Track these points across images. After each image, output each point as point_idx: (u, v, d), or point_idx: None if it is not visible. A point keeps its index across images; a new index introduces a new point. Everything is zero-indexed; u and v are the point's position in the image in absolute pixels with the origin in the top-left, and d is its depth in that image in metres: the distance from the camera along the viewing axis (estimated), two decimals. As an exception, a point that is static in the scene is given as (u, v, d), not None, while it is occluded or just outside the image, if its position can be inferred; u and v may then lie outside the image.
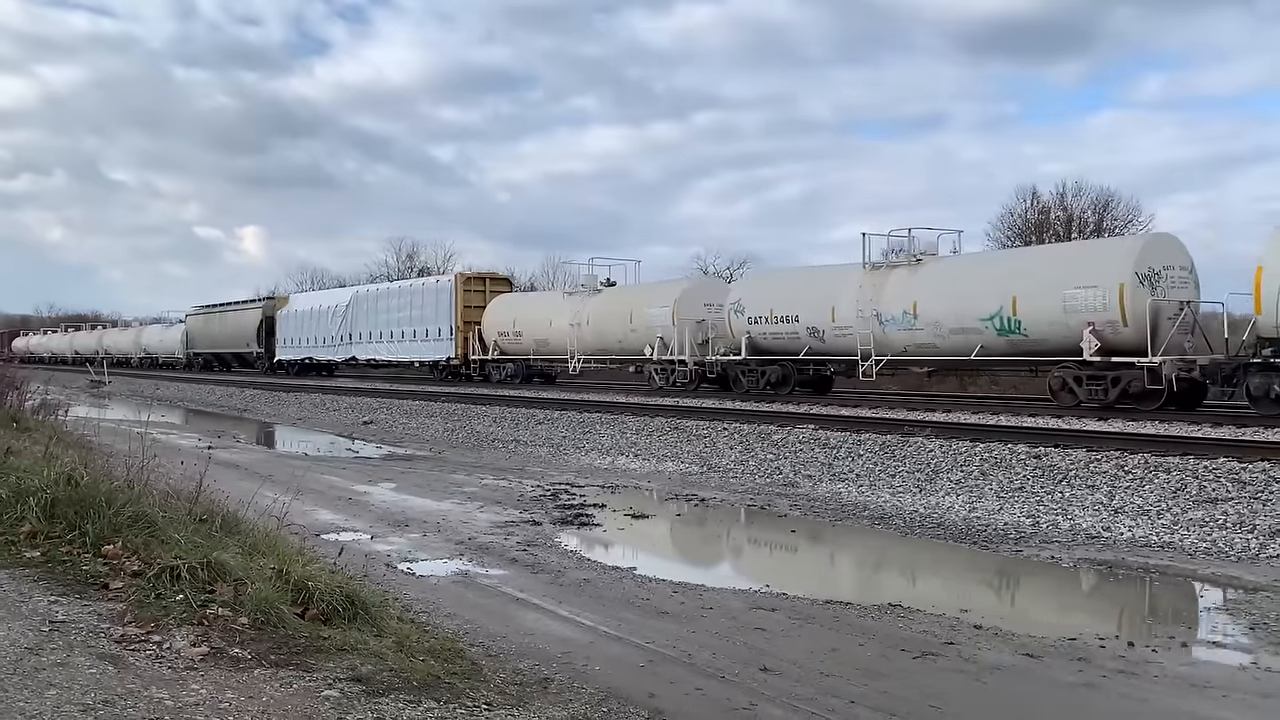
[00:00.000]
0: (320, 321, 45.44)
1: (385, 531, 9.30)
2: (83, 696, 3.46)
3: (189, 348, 60.32)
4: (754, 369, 24.58)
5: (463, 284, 36.73)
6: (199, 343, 59.07)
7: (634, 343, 28.53)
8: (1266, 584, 7.19)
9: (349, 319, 42.95)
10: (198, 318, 60.72)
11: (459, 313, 36.16)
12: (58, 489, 5.75)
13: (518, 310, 34.55)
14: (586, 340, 30.49)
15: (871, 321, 21.54)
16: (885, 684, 5.00)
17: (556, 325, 31.60)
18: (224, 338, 55.42)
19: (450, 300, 36.57)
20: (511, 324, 33.92)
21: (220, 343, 56.14)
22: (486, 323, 35.05)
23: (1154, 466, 11.26)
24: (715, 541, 10.19)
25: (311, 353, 46.22)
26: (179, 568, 4.83)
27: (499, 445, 17.73)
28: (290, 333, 48.09)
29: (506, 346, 34.22)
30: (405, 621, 5.28)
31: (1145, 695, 4.92)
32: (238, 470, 13.07)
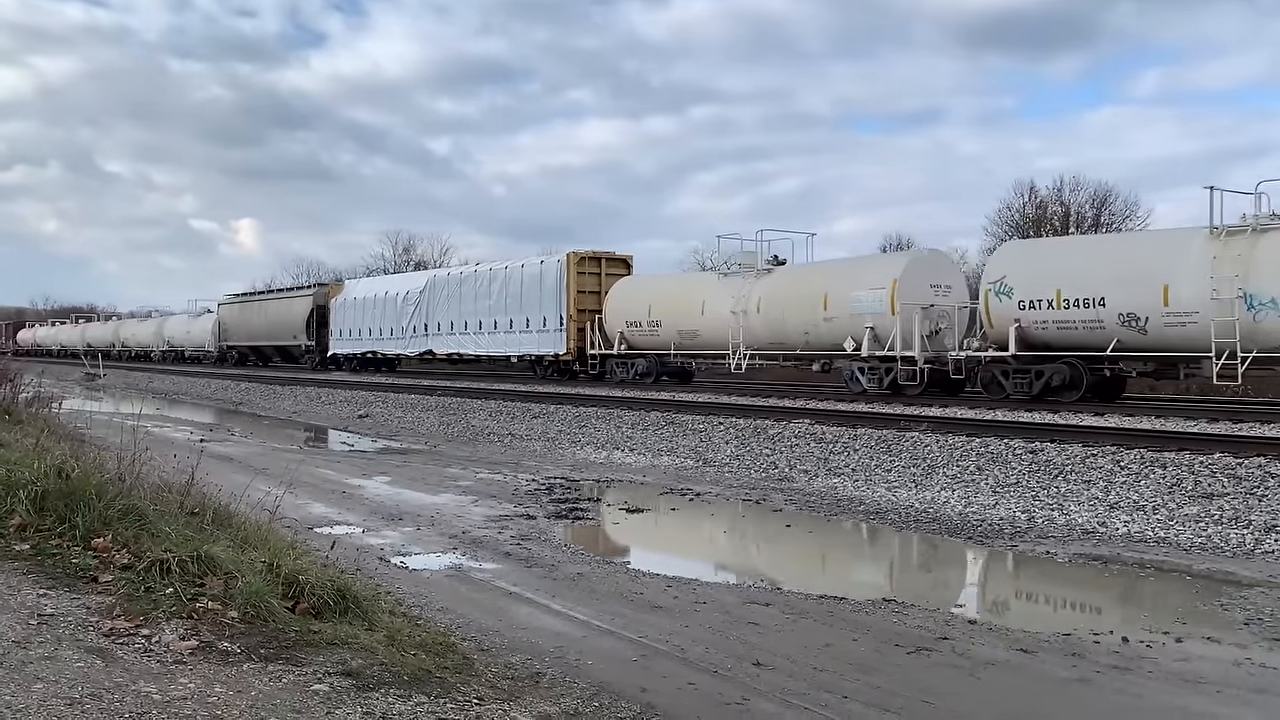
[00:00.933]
0: (385, 310, 39.97)
1: (379, 525, 9.27)
2: (70, 690, 3.44)
3: (222, 340, 55.42)
4: (1025, 369, 19.07)
5: (576, 265, 30.66)
6: (234, 334, 54.07)
7: (827, 335, 22.91)
8: (1261, 579, 7.19)
9: (424, 307, 37.51)
10: (232, 307, 55.61)
11: (571, 299, 30.25)
12: (48, 481, 5.72)
13: (655, 295, 28.51)
14: (756, 331, 24.65)
15: (1234, 305, 16.20)
16: (879, 679, 4.98)
17: (712, 313, 25.80)
18: (264, 329, 50.23)
19: (560, 284, 30.61)
20: (646, 312, 28.12)
21: (260, 335, 50.94)
22: (611, 310, 29.37)
23: (1150, 462, 11.26)
24: (709, 536, 10.17)
25: (375, 346, 40.88)
26: (169, 561, 4.80)
27: (494, 439, 17.70)
28: (347, 323, 42.86)
29: (637, 339, 28.58)
30: (397, 615, 5.26)
31: (1140, 691, 4.90)
32: (231, 463, 13.04)
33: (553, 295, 30.95)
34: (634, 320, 28.63)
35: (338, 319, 43.61)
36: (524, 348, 32.59)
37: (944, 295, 21.58)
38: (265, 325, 50.08)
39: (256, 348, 52.34)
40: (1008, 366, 19.37)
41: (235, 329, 54.03)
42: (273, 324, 49.31)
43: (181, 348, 61.80)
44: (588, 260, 31.21)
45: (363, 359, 42.08)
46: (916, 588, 7.47)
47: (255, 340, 51.65)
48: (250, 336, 52.08)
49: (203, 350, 58.28)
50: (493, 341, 33.91)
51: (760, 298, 24.58)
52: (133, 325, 73.08)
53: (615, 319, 29.25)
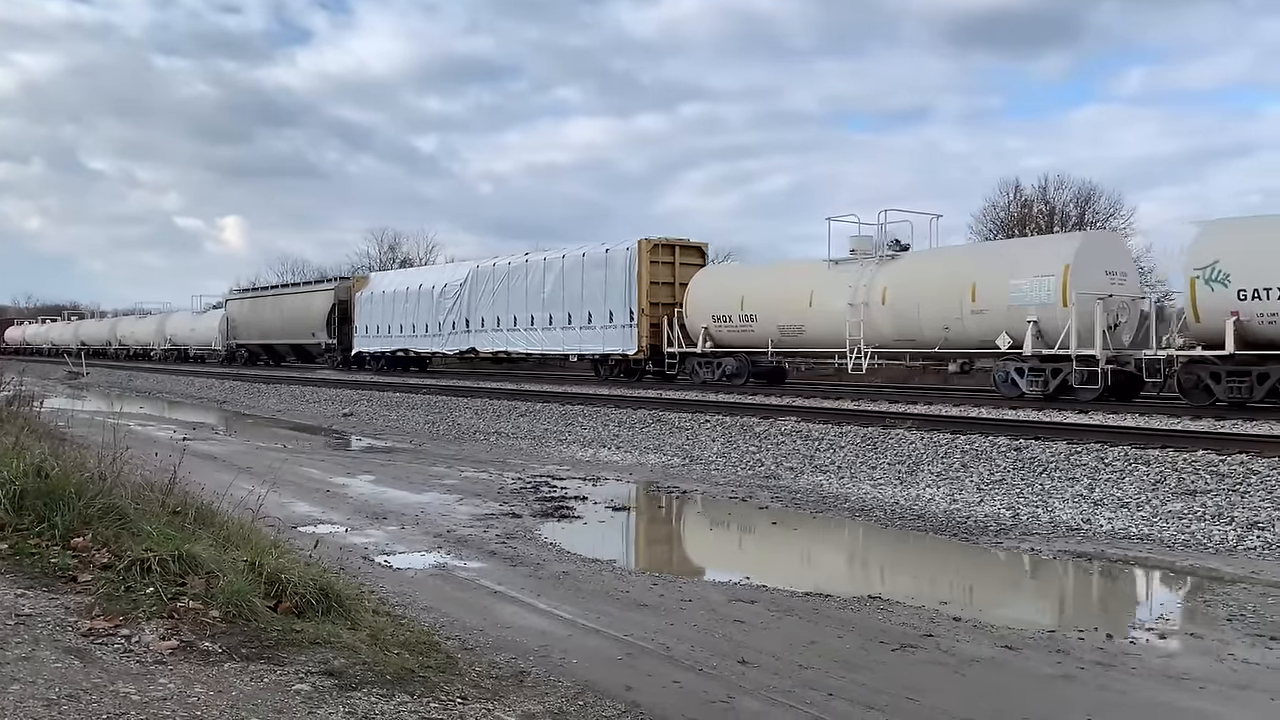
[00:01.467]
0: (419, 305, 36.71)
1: (363, 524, 9.23)
2: (47, 691, 3.39)
3: (230, 338, 51.95)
4: (1243, 371, 16.15)
5: (649, 253, 27.47)
6: (244, 332, 50.51)
7: (974, 330, 19.65)
8: (1244, 576, 7.22)
9: (465, 301, 34.11)
10: (242, 303, 51.92)
11: (644, 292, 27.00)
12: (27, 480, 5.65)
13: (749, 286, 25.15)
14: (879, 325, 21.52)
15: None
16: (864, 676, 4.98)
17: (823, 306, 22.74)
18: (279, 326, 46.63)
19: (630, 275, 27.28)
20: (738, 305, 24.86)
21: (274, 332, 47.39)
22: (694, 304, 26.16)
23: (1134, 459, 11.31)
24: (695, 534, 10.16)
25: (407, 343, 37.53)
26: (150, 560, 4.75)
27: (480, 437, 17.66)
28: (374, 319, 39.49)
29: (725, 336, 25.35)
30: (380, 614, 5.23)
31: (1123, 687, 4.92)
32: (214, 461, 12.97)
33: (621, 287, 27.56)
34: (723, 314, 25.31)
35: (363, 315, 40.20)
36: (586, 345, 29.27)
37: (1120, 284, 18.55)
38: (280, 322, 46.51)
39: (269, 346, 49.21)
40: (1217, 368, 16.46)
41: (245, 326, 50.62)
42: (288, 320, 45.80)
43: (185, 346, 58.35)
44: (661, 248, 27.89)
45: (392, 358, 38.98)
46: (901, 585, 7.47)
47: (268, 338, 48.37)
48: (263, 334, 48.71)
49: (209, 349, 54.91)
50: (547, 339, 30.59)
51: (885, 288, 21.36)
52: (131, 323, 69.63)
53: (699, 313, 25.91)
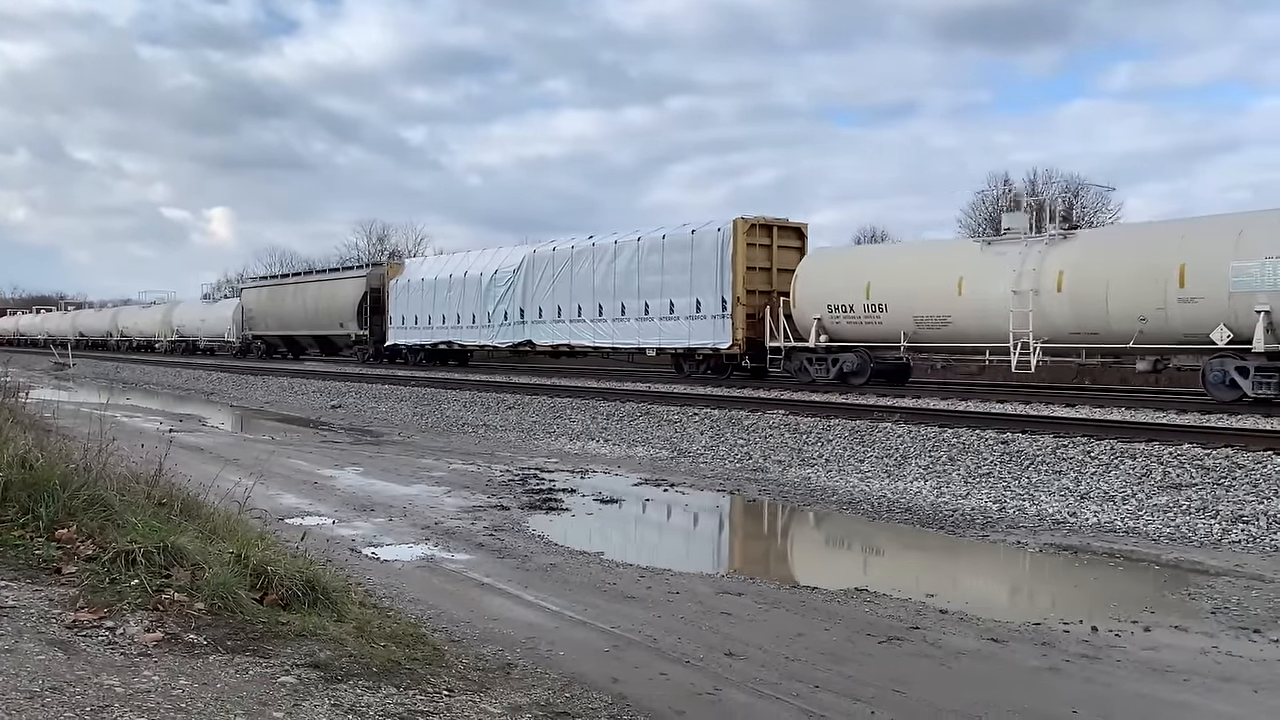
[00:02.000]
0: (464, 294, 33.55)
1: (350, 516, 9.20)
2: (30, 684, 3.38)
3: (247, 329, 48.27)
4: None
5: (745, 234, 23.95)
6: (262, 323, 46.76)
7: (1180, 321, 16.41)
8: (1228, 569, 7.26)
9: (520, 289, 30.89)
10: (259, 291, 48.35)
11: (740, 278, 23.76)
12: (11, 471, 5.62)
13: (877, 270, 21.68)
14: (1051, 316, 18.20)
15: None
16: (850, 668, 4.99)
17: (977, 293, 19.31)
18: (301, 316, 43.13)
19: (721, 259, 24.05)
20: (862, 292, 21.31)
21: (295, 323, 43.84)
22: (804, 291, 22.67)
23: (1120, 453, 11.35)
24: (683, 526, 10.17)
25: (450, 335, 34.39)
26: (134, 552, 4.72)
27: (469, 430, 17.63)
28: (411, 309, 36.26)
29: (843, 328, 21.90)
30: (367, 607, 5.22)
31: (1108, 679, 4.94)
32: (201, 453, 12.91)
33: (710, 272, 24.33)
34: (841, 304, 21.75)
35: (398, 304, 36.93)
36: (667, 338, 25.83)
37: None
38: (303, 312, 42.92)
39: (290, 338, 45.57)
40: None
41: (263, 316, 46.74)
42: (313, 310, 42.10)
43: (193, 338, 54.73)
44: (758, 229, 24.35)
45: (432, 351, 35.96)
46: (888, 577, 7.49)
47: (289, 329, 44.73)
48: (283, 325, 45.05)
49: (220, 340, 51.22)
50: (619, 330, 27.19)
51: (1060, 271, 18.14)
52: (133, 313, 65.54)
53: (810, 302, 22.44)
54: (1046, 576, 7.63)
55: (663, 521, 10.21)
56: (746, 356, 24.47)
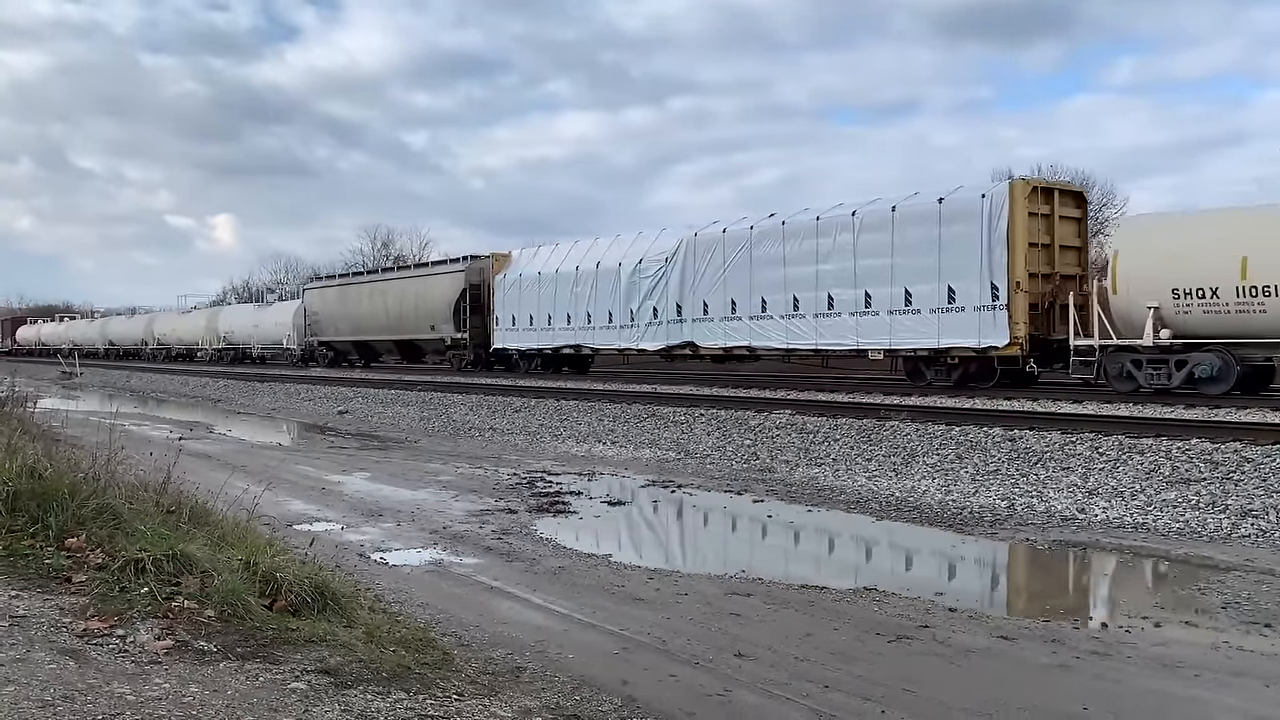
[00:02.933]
0: (595, 288, 28.08)
1: (358, 521, 9.22)
2: (42, 692, 3.38)
3: (310, 334, 43.32)
4: None
5: (1025, 201, 19.09)
6: (330, 327, 41.71)
7: None
8: (1238, 563, 7.24)
9: (675, 280, 25.44)
10: (325, 291, 43.08)
11: (1020, 258, 18.79)
12: (20, 481, 5.63)
13: (1254, 239, 16.30)
14: None
15: None
16: (860, 668, 4.99)
17: None
18: (382, 319, 37.98)
19: (990, 233, 19.11)
20: (1234, 270, 16.25)
21: (373, 326, 38.73)
22: (1133, 270, 17.44)
23: (1128, 448, 11.32)
24: (691, 528, 10.17)
25: (578, 338, 28.70)
26: (144, 560, 4.74)
27: (475, 433, 17.65)
28: (524, 307, 30.82)
29: (1192, 321, 16.82)
30: (376, 612, 5.23)
31: (1119, 676, 4.93)
32: (209, 460, 12.95)
33: (971, 251, 19.38)
34: (1197, 287, 16.72)
35: (506, 302, 31.56)
36: (904, 337, 20.65)
37: None
38: (382, 314, 37.84)
39: (365, 344, 40.20)
40: None
41: (330, 320, 41.71)
42: (396, 312, 37.01)
43: (244, 345, 49.62)
44: (1039, 194, 19.52)
45: (552, 356, 30.46)
46: (897, 576, 7.49)
47: (364, 334, 39.59)
48: (356, 329, 39.93)
49: (278, 347, 46.08)
50: (828, 329, 21.97)
51: None
52: (171, 319, 61.06)
53: (1141, 286, 17.29)
54: (1056, 573, 7.62)
55: (670, 523, 10.21)
56: (1032, 358, 19.24)
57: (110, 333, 68.13)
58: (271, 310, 49.65)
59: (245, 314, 52.24)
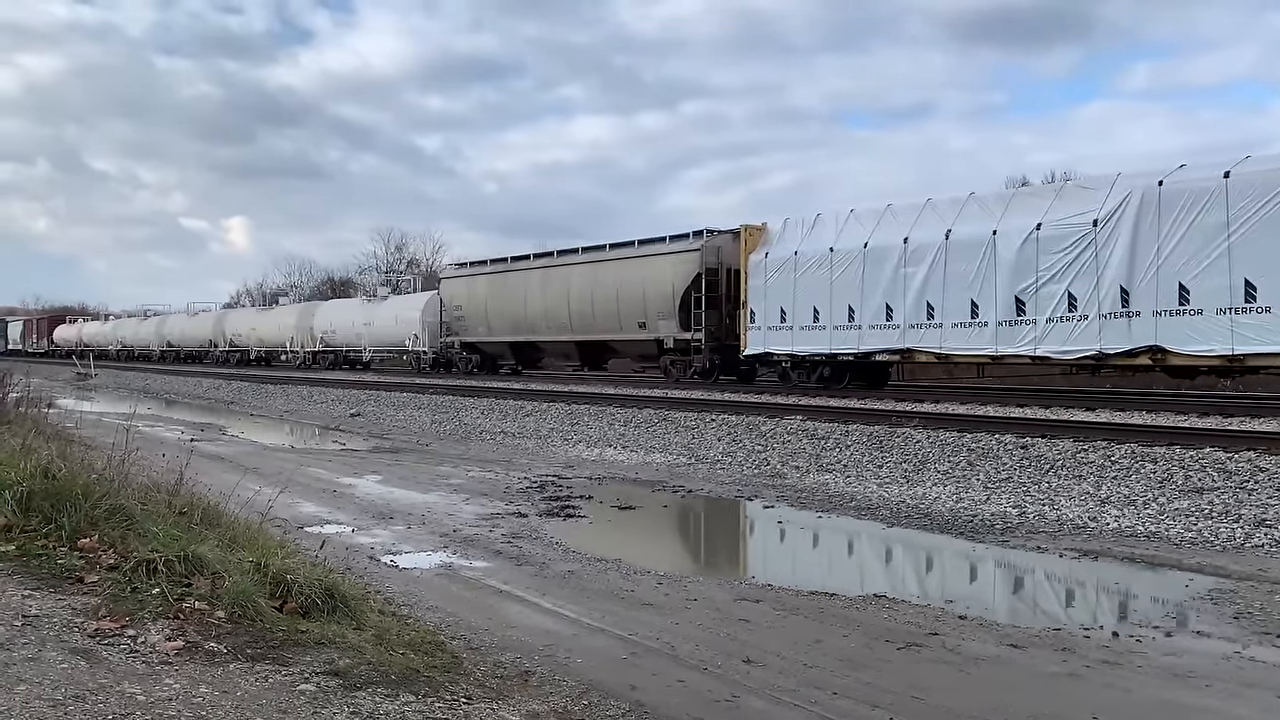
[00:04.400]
0: (931, 270, 19.89)
1: (369, 524, 9.24)
2: (53, 692, 3.41)
3: (447, 334, 35.72)
4: None
5: None
6: (481, 324, 33.73)
7: None
8: (1251, 573, 7.20)
9: (1118, 254, 17.02)
10: (473, 280, 34.84)
11: None
12: (34, 482, 5.68)
13: None
14: None
15: None
16: (869, 675, 4.98)
17: None
18: (559, 315, 30.23)
19: None
20: None
21: (546, 324, 30.88)
22: None
23: (1141, 456, 11.27)
24: (701, 533, 10.17)
25: (905, 340, 20.45)
26: (156, 561, 4.78)
27: (486, 437, 17.68)
28: (800, 296, 22.52)
29: None
30: (386, 614, 5.25)
31: (1129, 685, 4.91)
32: (222, 462, 13.00)
33: None
34: None
35: (770, 290, 23.25)
36: None
37: None
38: (563, 308, 30.08)
39: (530, 346, 32.60)
40: None
41: (480, 316, 33.75)
42: (585, 305, 29.25)
43: (348, 348, 42.40)
44: None
45: (826, 364, 22.56)
46: (907, 584, 7.47)
47: (530, 333, 31.84)
48: (517, 327, 32.17)
49: (397, 350, 39.15)
50: None
51: None
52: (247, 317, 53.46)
53: None
54: (1067, 582, 7.58)
55: (680, 528, 10.21)
56: None
57: (170, 333, 59.79)
58: (389, 305, 40.74)
59: (351, 310, 43.58)
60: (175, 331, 59.96)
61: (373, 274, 71.06)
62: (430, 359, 37.38)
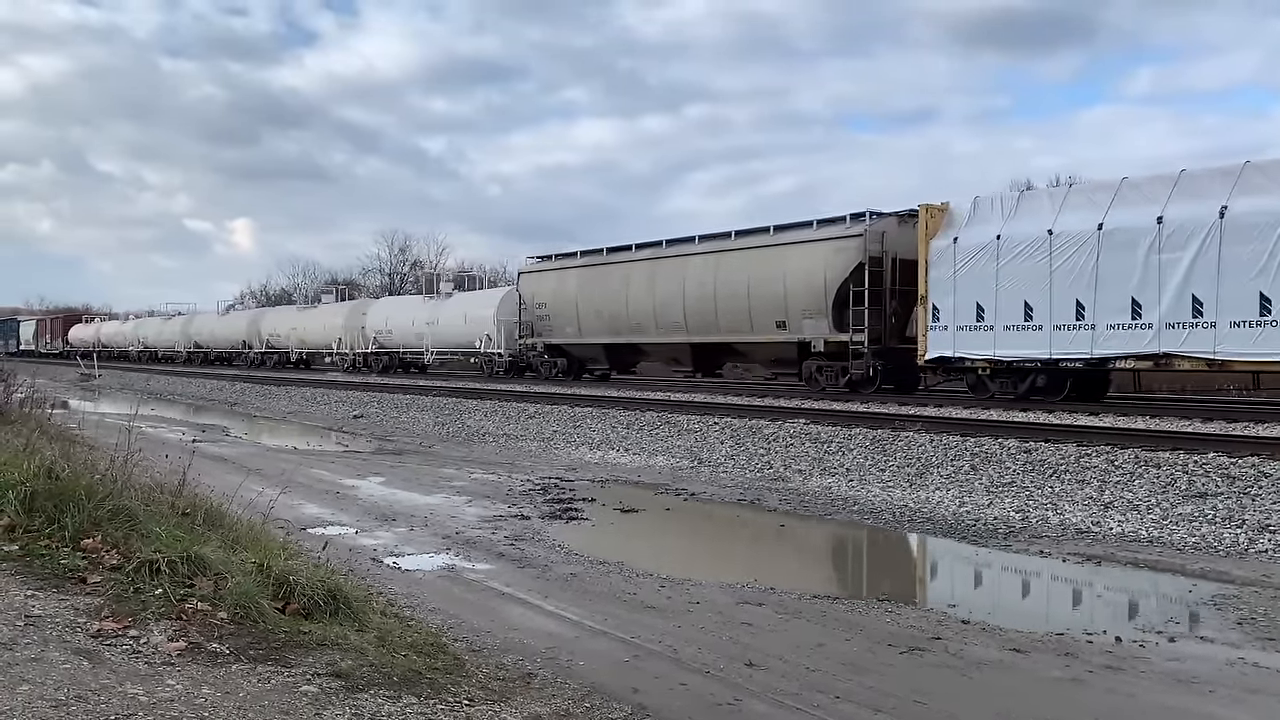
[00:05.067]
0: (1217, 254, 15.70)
1: (372, 526, 9.25)
2: (55, 692, 3.42)
3: (526, 335, 31.23)
4: None
5: None
6: (571, 323, 29.42)
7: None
8: (1254, 579, 7.18)
9: None
10: (565, 274, 30.21)
11: None
12: (37, 482, 5.70)
13: None
14: None
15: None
16: (871, 679, 4.97)
17: None
18: (671, 313, 26.07)
19: None
20: None
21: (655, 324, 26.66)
22: None
23: (1144, 461, 11.26)
24: (703, 536, 10.16)
25: (1161, 343, 16.42)
26: (159, 561, 4.78)
27: (489, 439, 17.68)
28: (1005, 290, 18.52)
29: None
30: (388, 616, 5.25)
31: (1132, 690, 4.90)
32: (225, 464, 13.01)
33: None
34: None
35: (960, 282, 19.29)
36: None
37: None
38: (676, 305, 25.90)
39: (633, 347, 28.20)
40: None
41: (570, 314, 29.54)
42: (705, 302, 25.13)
43: (406, 349, 38.44)
44: None
45: (1069, 373, 18.42)
46: (910, 587, 7.46)
47: (633, 334, 27.54)
48: (616, 327, 27.90)
49: (468, 351, 34.95)
50: None
51: None
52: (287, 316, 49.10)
53: None
54: (1069, 586, 7.57)
55: (683, 531, 10.20)
56: None
57: (197, 333, 55.54)
58: (456, 302, 36.19)
59: (411, 308, 38.62)
60: (204, 332, 55.69)
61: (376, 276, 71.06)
62: (506, 362, 32.96)
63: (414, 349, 38.16)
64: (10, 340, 79.64)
